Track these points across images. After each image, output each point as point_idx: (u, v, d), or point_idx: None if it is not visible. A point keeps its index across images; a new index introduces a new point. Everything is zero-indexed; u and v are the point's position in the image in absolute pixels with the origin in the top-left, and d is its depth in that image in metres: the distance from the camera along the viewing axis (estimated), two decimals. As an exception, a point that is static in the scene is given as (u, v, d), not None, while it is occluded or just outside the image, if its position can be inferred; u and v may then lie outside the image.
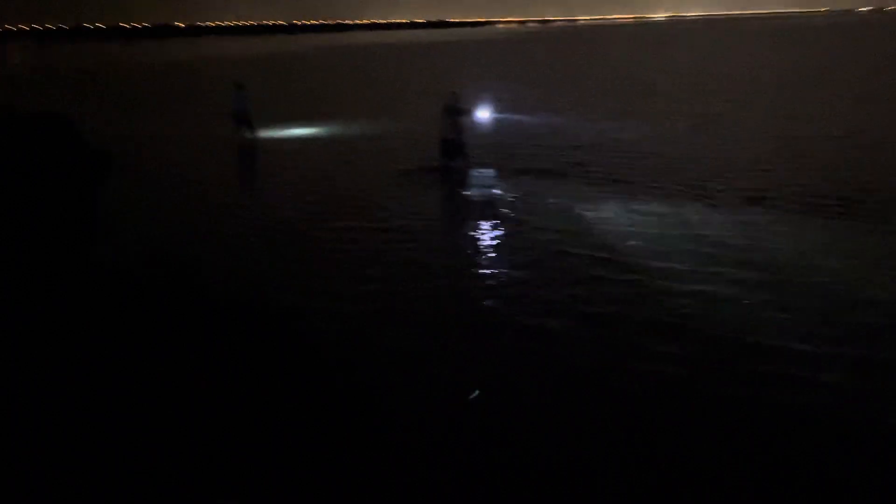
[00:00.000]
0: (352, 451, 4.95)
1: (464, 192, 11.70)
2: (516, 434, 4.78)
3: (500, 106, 22.21)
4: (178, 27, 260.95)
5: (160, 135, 18.91)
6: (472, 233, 9.41)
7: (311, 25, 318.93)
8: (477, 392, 5.22)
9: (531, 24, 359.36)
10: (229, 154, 15.87)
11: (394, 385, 5.43)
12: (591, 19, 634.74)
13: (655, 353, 5.75)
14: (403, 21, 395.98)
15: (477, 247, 8.77)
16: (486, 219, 9.85)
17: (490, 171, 12.41)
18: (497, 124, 17.25)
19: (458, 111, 12.51)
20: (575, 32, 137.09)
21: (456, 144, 12.58)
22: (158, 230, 9.92)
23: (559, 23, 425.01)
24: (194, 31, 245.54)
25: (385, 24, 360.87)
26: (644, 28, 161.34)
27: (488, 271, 7.81)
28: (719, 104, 21.43)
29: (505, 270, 7.78)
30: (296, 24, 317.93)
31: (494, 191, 11.52)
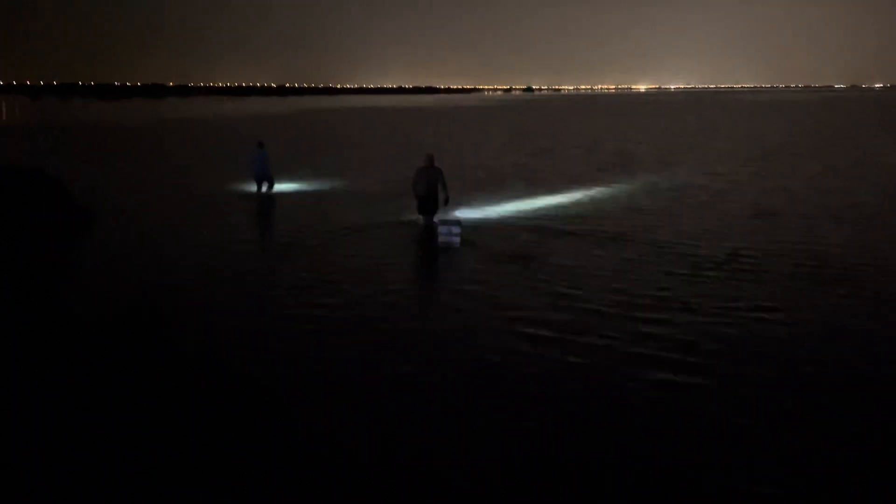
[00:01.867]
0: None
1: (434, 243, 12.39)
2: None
3: (484, 175, 22.30)
4: (168, 86, 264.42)
5: (151, 190, 18.69)
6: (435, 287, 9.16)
7: (302, 88, 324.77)
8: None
9: (516, 92, 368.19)
10: (218, 209, 15.58)
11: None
12: (575, 88, 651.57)
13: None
14: (392, 86, 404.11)
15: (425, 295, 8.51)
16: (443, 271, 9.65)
17: (456, 227, 12.34)
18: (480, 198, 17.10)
19: (434, 170, 13.48)
20: (558, 100, 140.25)
21: (432, 201, 13.64)
22: (137, 287, 9.57)
23: (544, 91, 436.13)
24: (185, 91, 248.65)
25: (374, 88, 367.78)
26: (626, 98, 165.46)
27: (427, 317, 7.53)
28: (697, 176, 21.64)
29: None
30: (285, 87, 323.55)
31: (459, 241, 12.33)
